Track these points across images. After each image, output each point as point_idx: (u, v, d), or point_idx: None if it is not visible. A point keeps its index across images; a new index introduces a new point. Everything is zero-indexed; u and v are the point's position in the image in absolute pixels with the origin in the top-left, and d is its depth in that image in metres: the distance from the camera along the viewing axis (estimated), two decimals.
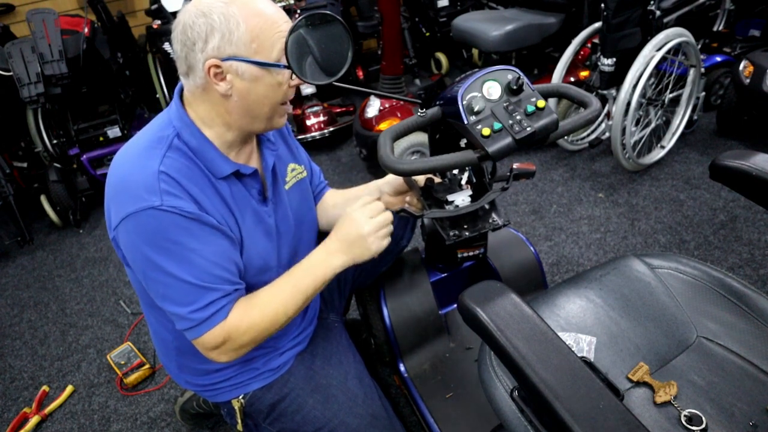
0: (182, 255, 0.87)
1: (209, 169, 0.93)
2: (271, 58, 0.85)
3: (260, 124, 0.94)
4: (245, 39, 0.83)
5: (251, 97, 0.88)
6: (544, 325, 0.67)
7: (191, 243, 0.87)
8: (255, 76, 0.86)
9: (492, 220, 1.09)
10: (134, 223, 0.85)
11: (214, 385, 1.11)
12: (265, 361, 1.10)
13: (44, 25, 2.33)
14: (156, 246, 0.86)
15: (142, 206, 0.84)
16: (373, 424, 1.11)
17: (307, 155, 1.25)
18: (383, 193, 1.19)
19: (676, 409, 0.83)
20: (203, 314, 0.90)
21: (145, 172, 0.86)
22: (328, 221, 1.27)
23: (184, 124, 0.92)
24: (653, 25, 2.19)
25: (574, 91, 0.99)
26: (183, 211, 0.86)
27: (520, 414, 0.81)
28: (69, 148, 2.70)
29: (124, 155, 0.92)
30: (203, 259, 0.88)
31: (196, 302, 0.89)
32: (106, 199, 0.91)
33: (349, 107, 3.15)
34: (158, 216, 0.84)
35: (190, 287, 0.88)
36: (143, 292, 1.02)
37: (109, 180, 0.91)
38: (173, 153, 0.90)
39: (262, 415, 1.12)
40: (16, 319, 2.15)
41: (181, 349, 1.09)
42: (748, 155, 0.96)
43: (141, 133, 0.95)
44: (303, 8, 2.90)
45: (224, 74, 0.86)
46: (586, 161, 2.62)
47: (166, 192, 0.85)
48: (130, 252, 0.89)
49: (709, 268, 1.04)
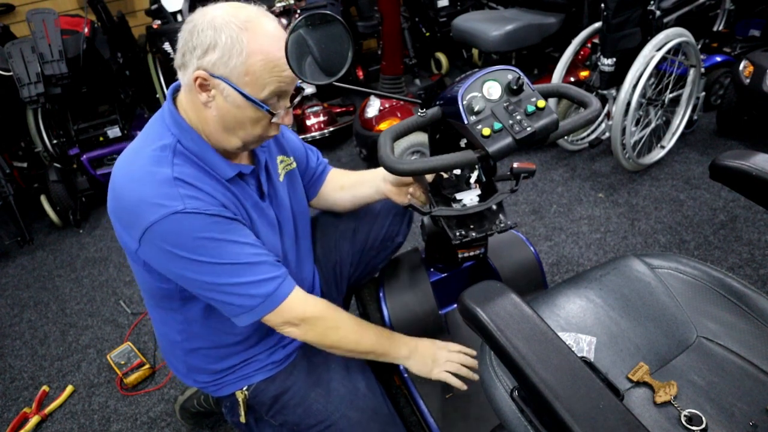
0: (218, 246, 0.88)
1: (215, 171, 0.94)
2: (259, 97, 0.87)
3: (233, 143, 0.94)
4: (241, 70, 0.84)
5: (229, 118, 0.90)
6: (544, 325, 0.67)
7: (222, 235, 0.89)
8: (238, 104, 0.88)
9: (499, 221, 1.09)
10: (160, 231, 0.85)
11: (220, 379, 1.13)
12: (268, 353, 1.12)
13: (44, 25, 2.33)
14: (189, 247, 0.87)
15: (165, 213, 0.84)
16: (374, 418, 1.12)
17: (300, 140, 1.26)
18: (386, 182, 1.19)
19: (676, 409, 0.83)
20: (273, 285, 0.94)
21: (160, 181, 0.87)
22: (334, 202, 1.29)
23: (182, 129, 0.92)
24: (653, 25, 2.19)
25: (574, 91, 0.99)
26: (206, 211, 0.87)
27: (520, 414, 0.81)
28: (69, 148, 2.70)
29: (129, 170, 0.91)
30: (238, 245, 0.91)
31: (259, 282, 0.92)
32: (115, 214, 0.91)
33: (349, 107, 3.15)
34: (183, 219, 0.85)
35: (242, 267, 0.90)
36: (155, 296, 1.03)
37: (119, 200, 0.90)
38: (179, 159, 0.91)
39: (265, 407, 1.13)
40: (16, 319, 2.15)
41: (190, 350, 1.10)
42: (748, 155, 0.96)
43: (139, 146, 0.94)
44: (303, 8, 2.90)
45: (210, 88, 0.87)
46: (586, 161, 2.62)
47: (186, 196, 0.86)
48: (161, 260, 0.89)
49: (709, 268, 1.04)
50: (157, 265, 0.92)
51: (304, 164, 1.23)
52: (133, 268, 1.02)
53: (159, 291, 1.00)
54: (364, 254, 1.35)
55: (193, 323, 1.05)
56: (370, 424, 1.11)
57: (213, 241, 0.88)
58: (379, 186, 1.21)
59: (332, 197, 1.29)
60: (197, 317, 1.04)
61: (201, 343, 1.09)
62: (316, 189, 1.29)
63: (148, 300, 1.08)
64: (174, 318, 1.05)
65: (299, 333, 1.00)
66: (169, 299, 1.01)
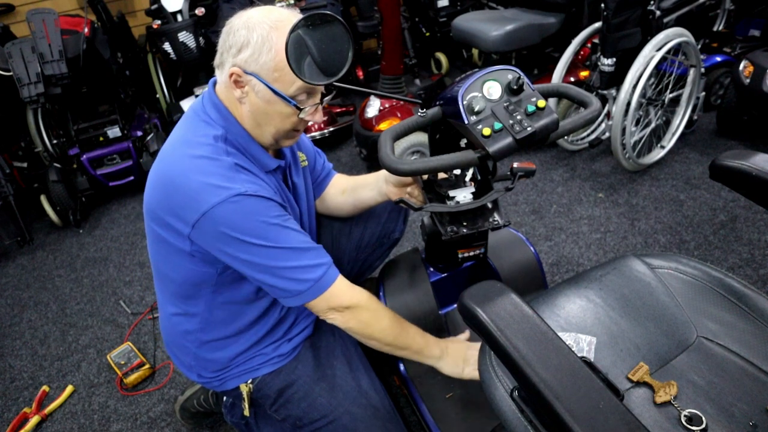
0: (274, 230, 0.93)
1: (258, 162, 1.00)
2: (288, 93, 0.92)
3: (266, 139, 0.99)
4: (270, 66, 0.89)
5: (260, 113, 0.95)
6: (544, 325, 0.67)
7: (277, 220, 0.94)
8: (268, 99, 0.93)
9: (492, 219, 1.09)
10: (221, 212, 0.89)
11: (225, 372, 1.14)
12: (274, 347, 1.13)
13: (44, 25, 2.33)
14: (246, 229, 0.91)
15: (228, 195, 0.89)
16: (376, 415, 1.12)
17: (311, 142, 1.31)
18: (387, 183, 1.21)
19: (676, 409, 0.83)
20: (323, 270, 0.98)
21: (222, 166, 0.92)
22: (336, 207, 1.32)
23: (229, 122, 0.98)
24: (653, 25, 2.19)
25: (574, 91, 0.99)
26: (264, 195, 0.93)
27: (520, 414, 0.81)
28: (69, 148, 2.70)
29: (183, 160, 0.94)
30: (290, 230, 0.96)
31: (314, 265, 0.97)
32: (165, 209, 0.95)
33: (349, 107, 3.15)
34: (245, 201, 0.90)
35: (302, 255, 0.95)
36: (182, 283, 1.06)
37: (173, 188, 0.93)
38: (232, 149, 0.96)
39: (270, 400, 1.14)
40: (16, 319, 2.15)
41: (203, 340, 1.12)
42: (748, 155, 0.96)
43: (188, 137, 0.98)
44: (303, 8, 2.90)
45: (243, 84, 0.93)
46: (586, 161, 2.62)
47: (246, 180, 0.92)
48: (216, 243, 0.93)
49: (709, 268, 1.04)
50: (210, 248, 0.95)
51: (312, 166, 1.26)
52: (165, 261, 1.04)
53: (196, 277, 1.03)
54: (361, 251, 1.36)
55: (215, 310, 1.08)
56: (372, 421, 1.11)
57: (269, 224, 0.92)
58: (381, 188, 1.22)
59: (334, 202, 1.31)
60: (222, 302, 1.07)
61: (216, 333, 1.11)
62: (319, 192, 1.31)
63: (172, 291, 1.10)
64: (196, 307, 1.08)
65: (342, 320, 1.03)
66: (200, 286, 1.04)
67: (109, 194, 2.85)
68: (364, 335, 1.06)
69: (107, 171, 2.73)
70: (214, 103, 0.98)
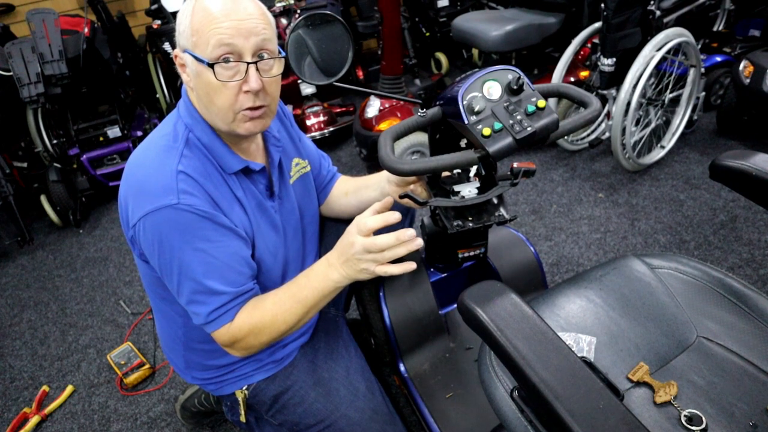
0: (195, 254, 0.89)
1: (220, 164, 0.95)
2: (206, 55, 0.85)
3: (221, 124, 0.92)
4: (188, 32, 0.86)
5: (201, 93, 0.90)
6: (544, 325, 0.67)
7: (204, 243, 0.89)
8: (197, 71, 0.87)
9: (498, 213, 1.08)
10: (152, 221, 0.87)
11: (220, 377, 1.13)
12: (269, 352, 1.12)
13: (44, 25, 2.33)
14: (171, 243, 0.88)
15: (160, 205, 0.86)
16: (374, 418, 1.12)
17: (314, 145, 1.27)
18: (390, 183, 1.19)
19: (676, 409, 0.83)
20: (213, 315, 0.92)
21: (164, 172, 0.88)
22: (341, 209, 1.29)
23: (195, 120, 0.94)
24: (653, 25, 2.19)
25: (574, 91, 0.99)
26: (198, 209, 0.88)
27: (520, 414, 0.81)
28: (69, 148, 2.70)
29: (143, 156, 0.93)
30: (215, 258, 0.90)
31: (206, 303, 0.91)
32: (123, 197, 0.93)
33: (349, 107, 3.15)
34: (174, 214, 0.86)
35: (201, 287, 0.91)
36: (154, 287, 1.04)
37: (128, 181, 0.92)
38: (189, 150, 0.92)
39: (265, 406, 1.13)
40: (16, 319, 2.15)
41: (189, 345, 1.10)
42: (748, 155, 0.96)
43: (156, 132, 0.97)
44: (303, 8, 2.90)
45: (184, 65, 0.89)
46: (586, 161, 2.62)
47: (183, 191, 0.87)
48: (148, 248, 0.91)
49: (709, 268, 1.04)
50: (145, 250, 0.93)
51: (316, 170, 1.23)
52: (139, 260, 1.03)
53: (155, 280, 1.01)
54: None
55: None
56: (370, 424, 1.11)
57: (192, 245, 0.88)
58: (384, 188, 1.20)
59: (338, 204, 1.28)
60: None
61: (200, 339, 1.08)
62: (324, 196, 1.28)
63: (151, 292, 1.09)
64: (175, 311, 1.05)
65: (236, 354, 0.99)
66: (166, 289, 1.01)
67: (109, 194, 2.85)
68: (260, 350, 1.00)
69: (107, 171, 2.73)
70: (183, 100, 0.96)
